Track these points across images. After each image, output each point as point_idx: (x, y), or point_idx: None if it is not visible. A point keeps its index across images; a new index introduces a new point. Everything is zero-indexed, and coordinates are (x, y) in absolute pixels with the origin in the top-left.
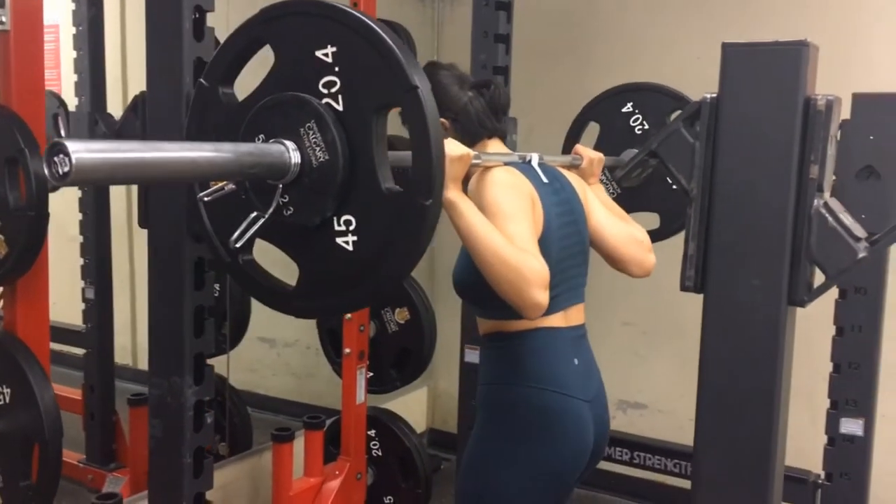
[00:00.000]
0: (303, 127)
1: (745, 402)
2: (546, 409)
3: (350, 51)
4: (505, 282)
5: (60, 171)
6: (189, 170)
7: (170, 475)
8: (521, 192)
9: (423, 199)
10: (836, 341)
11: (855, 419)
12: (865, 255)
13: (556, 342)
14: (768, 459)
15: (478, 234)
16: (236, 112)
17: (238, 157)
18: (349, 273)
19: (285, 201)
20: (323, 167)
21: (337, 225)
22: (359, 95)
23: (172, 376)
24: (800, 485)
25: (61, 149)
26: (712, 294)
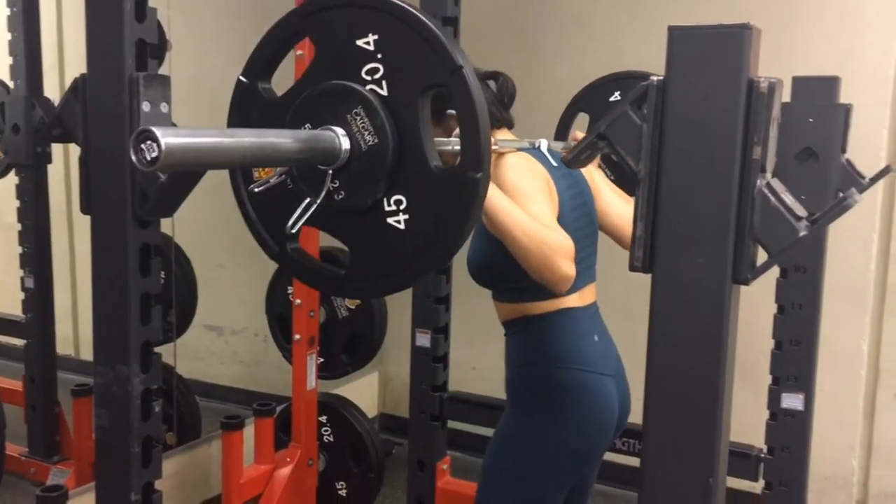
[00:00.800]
0: (349, 113)
1: (692, 378)
2: (574, 387)
3: (392, 37)
4: (535, 256)
5: (149, 157)
6: (257, 154)
7: (117, 466)
8: (537, 174)
9: (474, 172)
10: (777, 319)
11: (795, 394)
12: (806, 233)
13: (575, 322)
14: (714, 434)
15: (505, 215)
16: (277, 106)
17: (296, 143)
18: (402, 252)
19: (335, 186)
20: (372, 150)
21: (388, 205)
22: (403, 79)
23: (118, 365)
24: (743, 459)
25: (149, 135)
26: (660, 274)
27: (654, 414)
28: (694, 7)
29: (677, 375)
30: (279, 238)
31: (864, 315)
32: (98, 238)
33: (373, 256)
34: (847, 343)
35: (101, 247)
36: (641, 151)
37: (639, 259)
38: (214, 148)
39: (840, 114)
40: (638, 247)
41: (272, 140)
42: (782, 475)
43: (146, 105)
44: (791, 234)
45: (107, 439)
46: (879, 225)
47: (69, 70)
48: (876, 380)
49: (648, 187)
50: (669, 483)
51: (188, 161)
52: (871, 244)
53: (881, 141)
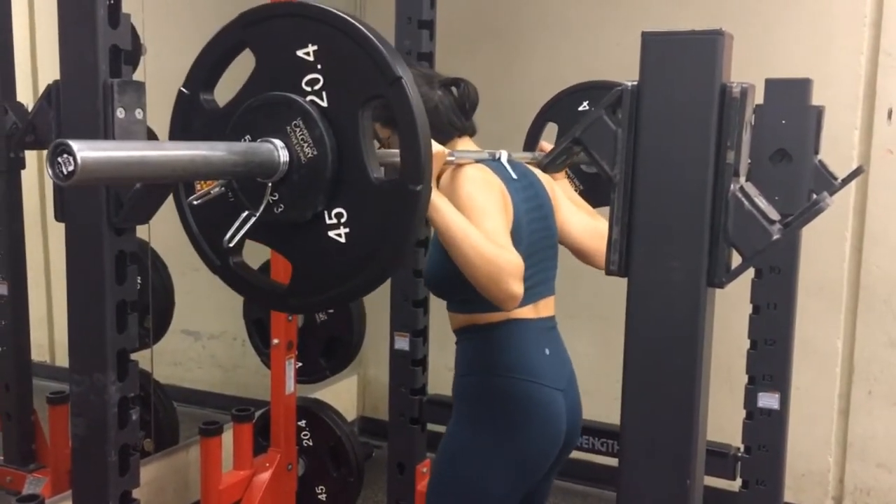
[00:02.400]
0: (289, 125)
1: (668, 380)
2: (519, 397)
3: (331, 48)
4: (483, 275)
5: (65, 171)
6: (188, 168)
7: (94, 474)
8: (493, 188)
9: (414, 184)
10: (752, 319)
11: (771, 393)
12: (779, 237)
13: (526, 333)
14: (691, 435)
15: (455, 230)
16: (219, 117)
17: (231, 156)
18: (344, 266)
19: (275, 199)
20: (311, 163)
21: (328, 218)
22: (343, 90)
23: (95, 373)
24: (720, 458)
25: (65, 148)
26: (635, 277)
27: (632, 416)
28: (669, 11)
29: (654, 377)
30: (221, 252)
31: (839, 313)
32: (73, 246)
33: (315, 270)
34: (822, 341)
35: (76, 255)
36: (616, 156)
37: (614, 262)
38: (138, 162)
39: (812, 115)
40: (613, 250)
41: (204, 153)
42: (759, 474)
43: (121, 111)
44: (764, 238)
45: (83, 448)
46: (852, 224)
47: (42, 76)
48: (850, 377)
49: (623, 191)
50: (647, 485)
51: (109, 176)
52: (845, 243)
53: (853, 141)
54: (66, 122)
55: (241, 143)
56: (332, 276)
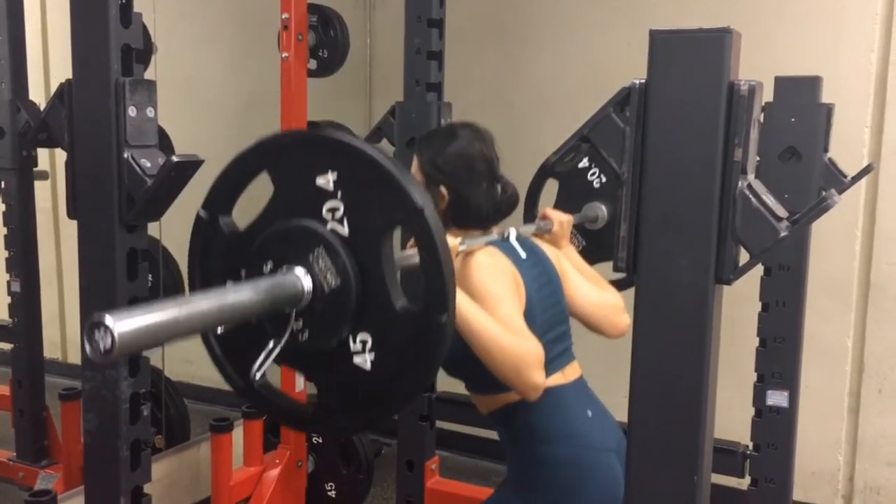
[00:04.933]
0: (311, 253)
1: (676, 377)
2: (572, 464)
3: (350, 177)
4: (505, 365)
5: (103, 348)
6: (218, 318)
7: (106, 469)
8: (504, 272)
9: (439, 316)
10: (761, 317)
11: (780, 391)
12: (787, 234)
13: (563, 398)
14: (699, 432)
15: (474, 324)
16: (239, 241)
17: (257, 296)
18: (369, 391)
19: (299, 326)
20: (335, 292)
21: (353, 344)
22: (364, 219)
23: (107, 370)
24: (730, 456)
25: (101, 323)
26: (643, 275)
27: (639, 413)
28: (677, 9)
29: (662, 374)
30: (245, 373)
31: (849, 312)
32: (85, 243)
33: (341, 394)
34: (832, 340)
35: (88, 252)
36: (624, 154)
37: (622, 260)
38: (171, 325)
39: (822, 113)
40: (622, 248)
41: (232, 301)
42: (768, 472)
43: (132, 110)
44: (772, 235)
45: (95, 443)
46: (862, 223)
47: (54, 74)
48: (860, 375)
49: (632, 189)
50: (655, 481)
51: (145, 344)
52: (855, 242)
53: (863, 139)
54: (78, 120)
55: (264, 279)
56: (358, 401)
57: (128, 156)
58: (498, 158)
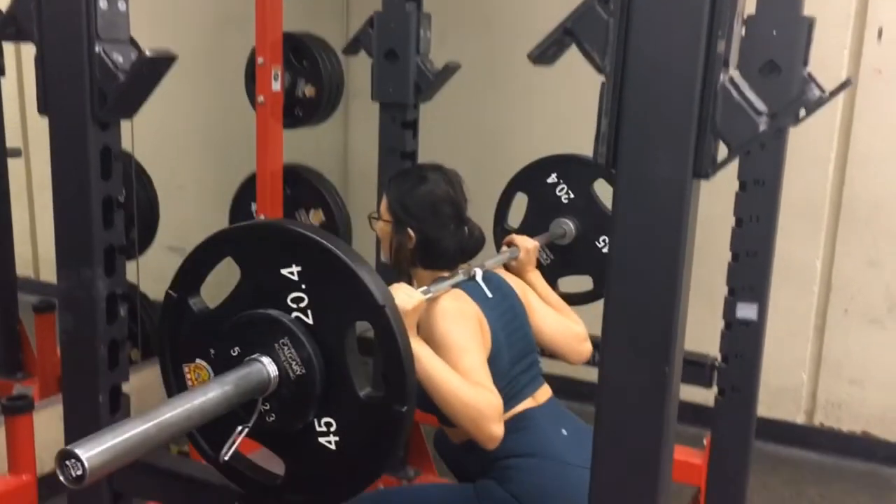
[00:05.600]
0: (277, 342)
1: (652, 268)
2: (545, 474)
3: (314, 269)
4: (463, 418)
5: (74, 475)
6: (187, 425)
7: (84, 369)
8: (469, 317)
9: (399, 406)
10: (735, 232)
11: (750, 304)
12: (766, 128)
13: (535, 420)
14: (672, 322)
15: (435, 378)
16: (208, 320)
17: (224, 393)
18: (334, 470)
19: (266, 409)
20: (300, 380)
21: (318, 426)
22: (327, 310)
23: (82, 268)
24: (698, 367)
25: (72, 454)
26: (623, 169)
27: (615, 303)
28: None
29: (638, 267)
30: (216, 448)
31: (819, 233)
32: (57, 139)
33: (306, 472)
34: (801, 261)
35: (60, 149)
36: (607, 47)
37: (602, 155)
38: (141, 443)
39: (803, 26)
40: (602, 143)
41: (199, 404)
42: (735, 381)
43: (103, 3)
44: (751, 128)
45: (72, 343)
46: (837, 144)
47: None
48: (828, 296)
49: (613, 83)
50: (628, 371)
51: (116, 465)
52: (829, 164)
53: (842, 61)
54: (48, 12)
55: (231, 375)
56: (324, 478)
57: (99, 50)
58: (466, 201)
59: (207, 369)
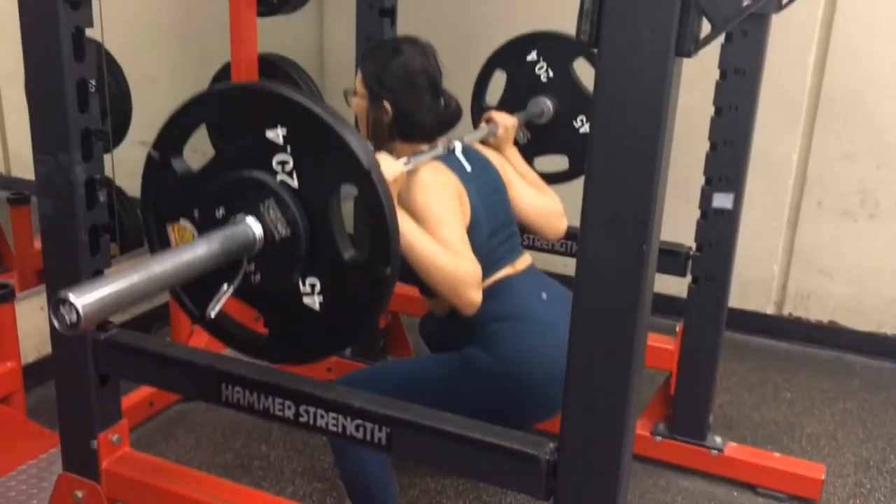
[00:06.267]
0: (262, 203)
1: (633, 145)
2: (526, 334)
3: (299, 133)
4: (442, 284)
5: (69, 321)
6: (177, 277)
7: (65, 255)
8: (448, 188)
9: (383, 268)
10: (714, 121)
11: (726, 193)
12: (750, 3)
13: (514, 286)
14: (651, 197)
15: (416, 247)
16: (191, 182)
17: (211, 252)
18: (316, 329)
19: (252, 269)
20: (285, 241)
21: (303, 287)
22: (313, 174)
23: (59, 153)
24: (673, 256)
25: (66, 300)
26: (605, 46)
27: (595, 182)
28: None
29: (618, 143)
30: (201, 307)
31: (797, 125)
32: (27, 22)
33: (290, 331)
34: (778, 153)
35: (31, 30)
36: None
37: (585, 32)
38: (134, 292)
39: None
40: (585, 20)
41: (188, 259)
42: (709, 270)
43: None
44: (735, 5)
45: (52, 229)
46: (818, 36)
47: None
48: (802, 189)
49: None
50: (606, 252)
51: (109, 312)
52: (809, 56)
53: None
54: None
55: (217, 233)
56: (307, 337)
57: None
58: (441, 73)
59: (191, 230)
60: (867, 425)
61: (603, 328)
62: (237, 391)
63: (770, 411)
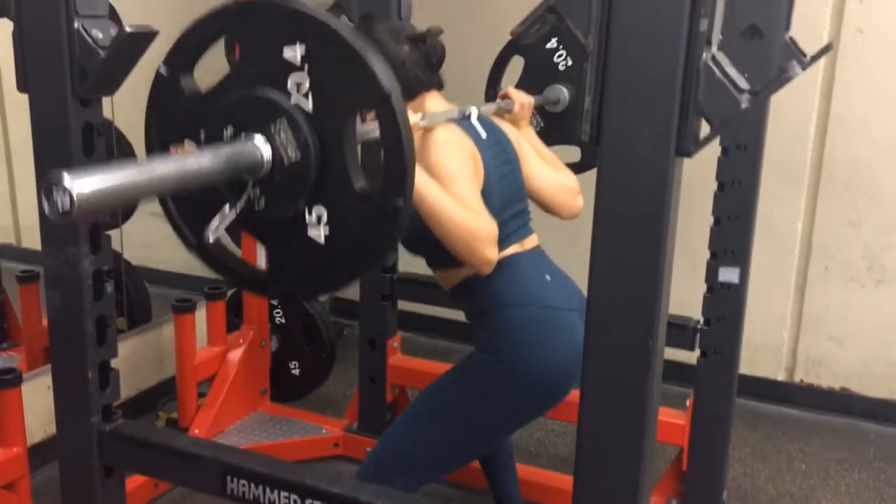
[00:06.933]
0: (273, 123)
1: (636, 244)
2: (533, 321)
3: (319, 52)
4: (458, 241)
5: (62, 208)
6: (178, 184)
7: (72, 346)
8: (463, 150)
9: (396, 200)
10: (717, 196)
11: (732, 268)
12: (748, 105)
13: (520, 266)
14: (655, 297)
15: (430, 199)
16: (200, 103)
17: (217, 164)
18: (320, 264)
19: (256, 194)
20: (295, 166)
21: (309, 217)
22: (329, 97)
23: (68, 247)
24: (681, 329)
25: (60, 184)
26: (606, 147)
27: (600, 278)
28: None
29: (622, 243)
30: (200, 235)
31: (800, 194)
32: (38, 118)
33: (292, 264)
34: (782, 221)
35: (41, 127)
36: (591, 24)
37: (586, 133)
38: (131, 187)
39: None
40: (586, 120)
41: (192, 167)
42: (717, 344)
43: None
44: (733, 107)
45: (60, 321)
46: (818, 105)
47: None
48: (808, 255)
49: (597, 60)
50: (612, 346)
51: (103, 206)
52: (810, 124)
53: (824, 21)
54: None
55: (224, 147)
56: (309, 272)
57: (78, 26)
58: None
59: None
60: (884, 497)
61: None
62: (242, 484)
63: (785, 483)
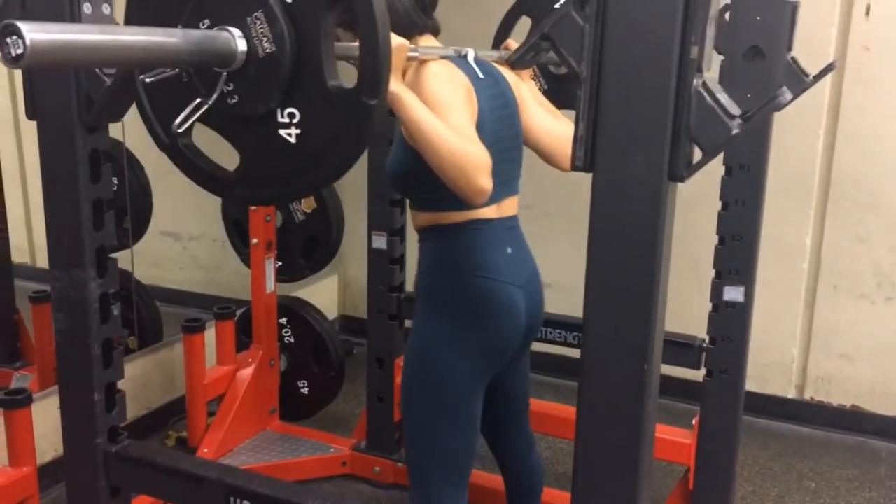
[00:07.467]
0: (250, 16)
1: (629, 271)
2: (480, 294)
3: None
4: (452, 168)
5: (13, 53)
6: (141, 56)
7: (78, 368)
8: (458, 83)
9: (370, 98)
10: (721, 215)
11: (737, 287)
12: (738, 131)
13: (488, 233)
14: (649, 324)
15: (423, 124)
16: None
17: (187, 44)
18: (291, 165)
19: (229, 89)
20: (269, 59)
21: (281, 117)
22: None
23: (74, 270)
24: (686, 348)
25: (14, 30)
26: (600, 172)
27: (594, 302)
28: None
29: (616, 268)
30: (171, 132)
31: (808, 210)
32: (46, 145)
33: (262, 165)
34: (791, 238)
35: (49, 153)
36: (583, 52)
37: (580, 158)
38: (91, 46)
39: (787, 11)
40: (579, 146)
41: (159, 40)
42: (722, 364)
43: (87, 6)
44: (724, 132)
45: (67, 343)
46: (826, 122)
47: None
48: (817, 272)
49: (590, 87)
50: (608, 370)
51: (59, 59)
52: (818, 141)
53: (830, 39)
54: (32, 14)
55: (197, 31)
56: (279, 173)
57: None
58: None
59: None
60: None
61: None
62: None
63: (794, 502)
